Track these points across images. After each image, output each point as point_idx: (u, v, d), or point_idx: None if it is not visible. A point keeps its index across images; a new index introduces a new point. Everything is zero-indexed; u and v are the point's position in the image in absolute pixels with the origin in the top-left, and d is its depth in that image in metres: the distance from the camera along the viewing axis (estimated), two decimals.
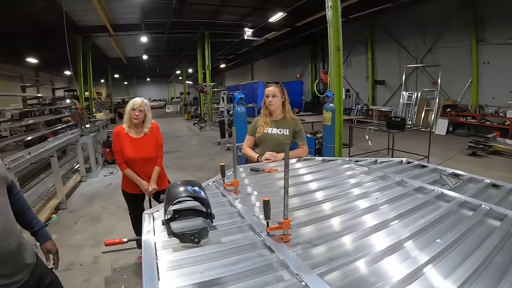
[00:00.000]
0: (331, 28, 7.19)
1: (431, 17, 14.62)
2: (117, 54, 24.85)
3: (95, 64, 21.16)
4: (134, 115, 3.62)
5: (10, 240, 1.71)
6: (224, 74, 48.04)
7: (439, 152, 9.57)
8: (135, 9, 15.05)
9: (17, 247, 1.76)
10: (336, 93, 6.96)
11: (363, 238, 1.51)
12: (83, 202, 7.09)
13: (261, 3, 15.46)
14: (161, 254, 1.41)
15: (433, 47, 15.06)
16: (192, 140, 15.60)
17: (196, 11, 16.16)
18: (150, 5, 14.65)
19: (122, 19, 16.73)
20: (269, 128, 3.64)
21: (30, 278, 1.83)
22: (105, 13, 14.39)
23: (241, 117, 7.61)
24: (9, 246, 1.69)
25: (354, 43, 18.61)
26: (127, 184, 3.91)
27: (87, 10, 14.04)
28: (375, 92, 18.73)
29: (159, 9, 15.41)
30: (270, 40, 20.50)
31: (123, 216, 5.92)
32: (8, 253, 1.68)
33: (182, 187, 1.70)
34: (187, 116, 27.69)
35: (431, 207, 1.90)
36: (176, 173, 8.77)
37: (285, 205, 1.43)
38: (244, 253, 1.41)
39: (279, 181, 2.52)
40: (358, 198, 2.05)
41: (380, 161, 3.04)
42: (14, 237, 1.76)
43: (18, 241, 1.79)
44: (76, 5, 13.60)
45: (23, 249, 1.82)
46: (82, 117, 9.62)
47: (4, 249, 1.66)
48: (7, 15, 14.23)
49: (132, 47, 23.80)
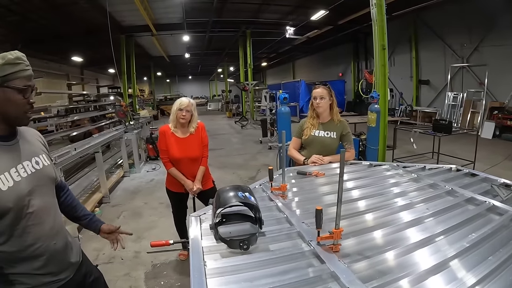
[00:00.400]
0: (375, 27, 6.98)
1: (478, 14, 13.88)
2: (159, 52, 25.31)
3: (138, 62, 21.73)
4: (181, 115, 3.62)
5: (57, 240, 1.76)
6: (266, 72, 47.99)
7: (485, 157, 9.13)
8: (177, 8, 15.28)
9: (63, 246, 1.81)
10: (381, 93, 6.75)
11: (411, 253, 1.43)
12: (126, 197, 7.24)
13: (303, 1, 15.32)
14: (209, 259, 1.39)
15: (479, 46, 14.32)
16: (233, 138, 15.65)
17: (237, 9, 16.20)
18: (192, 5, 14.83)
19: (164, 19, 17.03)
20: (316, 131, 3.55)
21: (75, 275, 1.87)
22: (148, 13, 14.70)
23: (285, 117, 7.52)
24: (56, 245, 1.74)
25: (397, 41, 18.03)
26: (172, 183, 3.93)
27: (130, 10, 14.43)
28: (419, 92, 18.07)
29: (200, 8, 15.58)
30: (311, 38, 20.24)
31: (164, 212, 6.02)
32: (55, 252, 1.73)
33: (233, 193, 1.68)
34: (228, 114, 27.88)
35: (482, 221, 1.77)
36: (218, 171, 8.82)
37: (338, 214, 1.38)
38: (293, 262, 1.37)
39: (326, 186, 2.46)
40: (407, 208, 1.95)
41: (429, 167, 2.90)
42: (61, 237, 1.81)
43: (64, 240, 1.84)
44: (119, 6, 13.99)
45: (69, 248, 1.86)
46: (126, 114, 9.84)
47: (51, 248, 1.71)
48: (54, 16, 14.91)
49: (174, 45, 24.19)
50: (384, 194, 2.18)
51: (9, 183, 1.55)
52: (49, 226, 1.72)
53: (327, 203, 2.03)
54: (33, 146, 1.80)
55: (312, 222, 1.57)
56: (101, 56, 24.56)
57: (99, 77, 33.85)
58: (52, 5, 13.58)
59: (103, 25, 13.11)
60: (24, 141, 1.74)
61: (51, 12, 14.34)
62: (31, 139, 1.82)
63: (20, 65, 1.56)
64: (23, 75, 1.57)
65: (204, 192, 3.87)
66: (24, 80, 1.57)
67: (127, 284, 3.94)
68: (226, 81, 36.87)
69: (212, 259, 1.40)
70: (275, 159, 8.30)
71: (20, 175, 1.61)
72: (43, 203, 1.70)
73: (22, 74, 1.56)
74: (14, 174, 1.59)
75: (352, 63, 23.80)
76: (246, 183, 7.49)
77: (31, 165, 1.70)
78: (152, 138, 10.57)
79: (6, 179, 1.54)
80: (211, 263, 1.35)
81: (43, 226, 1.68)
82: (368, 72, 9.64)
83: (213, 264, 1.34)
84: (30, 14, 14.32)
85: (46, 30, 16.72)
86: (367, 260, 1.34)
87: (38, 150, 1.81)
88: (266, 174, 2.31)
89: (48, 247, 1.69)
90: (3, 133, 1.62)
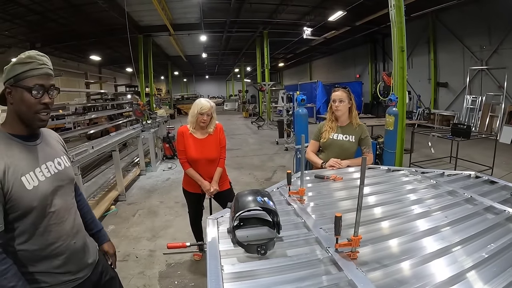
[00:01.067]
0: (394, 28, 6.91)
1: (497, 15, 13.57)
2: (177, 52, 25.54)
3: (155, 61, 21.92)
4: (203, 120, 3.62)
5: (77, 239, 1.82)
6: (283, 72, 47.97)
7: (503, 162, 8.96)
8: (194, 9, 15.40)
9: (82, 246, 1.86)
10: (399, 96, 6.68)
11: (428, 262, 1.40)
12: (142, 195, 7.30)
13: (321, 1, 15.28)
14: (226, 264, 1.39)
15: (499, 48, 14.02)
16: (250, 139, 15.65)
17: (255, 10, 16.23)
18: (209, 5, 14.94)
19: (182, 19, 17.21)
20: (335, 134, 3.53)
21: (92, 274, 1.92)
22: (165, 13, 14.85)
23: (302, 118, 7.48)
24: (75, 244, 1.79)
25: (415, 43, 17.84)
26: (189, 183, 3.95)
27: (148, 10, 14.66)
28: (437, 95, 17.79)
29: (218, 8, 15.68)
30: (329, 39, 20.15)
31: (180, 211, 6.05)
32: (75, 251, 1.79)
33: (251, 197, 1.67)
34: (245, 114, 27.94)
35: (501, 230, 1.72)
36: (235, 171, 8.86)
37: (357, 221, 1.36)
38: (311, 269, 1.36)
39: (343, 191, 2.45)
40: (425, 216, 1.91)
41: (448, 173, 2.85)
42: (80, 236, 1.86)
43: (83, 240, 1.89)
44: (137, 6, 14.21)
45: (87, 248, 1.92)
46: (143, 113, 9.93)
47: (71, 247, 1.76)
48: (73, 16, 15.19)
49: (192, 45, 24.37)
50: (402, 201, 2.15)
51: (34, 182, 1.59)
52: (69, 226, 1.77)
53: (344, 209, 2.02)
54: (54, 148, 1.86)
55: (330, 228, 1.56)
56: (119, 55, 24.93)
57: (117, 75, 34.28)
58: (72, 4, 13.83)
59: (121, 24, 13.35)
60: (46, 143, 1.80)
61: (71, 11, 14.64)
62: (52, 141, 1.88)
63: (31, 64, 1.57)
64: (34, 74, 1.57)
65: (220, 193, 3.88)
66: (35, 79, 1.57)
67: (141, 282, 3.97)
68: (243, 81, 36.99)
69: (229, 263, 1.40)
70: (291, 160, 8.28)
71: (44, 175, 1.66)
72: (64, 202, 1.76)
73: (32, 73, 1.57)
74: (39, 174, 1.64)
75: (370, 64, 23.60)
76: (262, 184, 7.55)
77: (53, 166, 1.75)
78: (168, 137, 10.64)
79: (32, 178, 1.59)
80: (228, 268, 1.35)
81: (64, 226, 1.74)
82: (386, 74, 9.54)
83: (230, 269, 1.34)
84: (50, 13, 14.65)
85: (65, 29, 17.08)
86: (385, 268, 1.33)
87: (59, 152, 1.87)
88: (282, 176, 2.32)
89: (68, 246, 1.74)
90: (24, 133, 1.66)
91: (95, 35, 18.17)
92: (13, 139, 1.62)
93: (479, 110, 14.59)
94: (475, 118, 14.69)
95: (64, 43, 19.33)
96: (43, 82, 1.59)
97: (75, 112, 14.80)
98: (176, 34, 19.32)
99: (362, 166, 1.37)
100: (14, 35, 16.43)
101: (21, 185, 1.54)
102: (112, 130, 11.01)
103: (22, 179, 1.55)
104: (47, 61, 1.64)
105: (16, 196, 1.52)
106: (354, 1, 13.42)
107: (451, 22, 16.01)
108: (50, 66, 1.66)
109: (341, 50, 26.84)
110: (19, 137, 1.64)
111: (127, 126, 11.78)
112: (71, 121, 14.21)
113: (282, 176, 8.28)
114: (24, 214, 1.56)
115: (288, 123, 13.02)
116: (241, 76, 38.22)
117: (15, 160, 1.56)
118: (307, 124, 7.60)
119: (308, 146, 3.75)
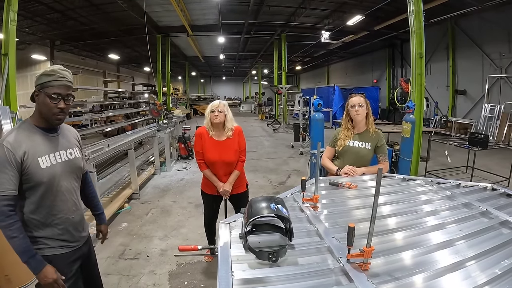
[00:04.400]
0: (413, 34, 6.85)
1: None
2: (194, 53, 25.69)
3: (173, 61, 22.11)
4: (214, 116, 3.66)
5: (75, 215, 2.28)
6: (300, 76, 47.82)
7: None
8: (213, 10, 15.53)
9: (78, 221, 2.32)
10: (417, 103, 6.59)
11: (441, 277, 1.38)
12: (155, 194, 7.35)
13: (339, 5, 15.23)
14: (237, 269, 1.39)
15: None
16: (265, 141, 15.64)
17: (273, 12, 16.24)
18: (228, 7, 15.03)
19: (201, 20, 17.35)
20: (351, 141, 3.50)
21: (83, 246, 2.38)
22: (184, 14, 14.97)
23: (318, 123, 7.45)
24: (73, 219, 2.25)
25: (434, 49, 17.61)
26: (206, 185, 3.98)
27: (167, 11, 14.82)
28: (455, 103, 17.47)
29: (236, 10, 15.76)
30: (347, 43, 20.07)
31: (193, 212, 6.09)
32: (72, 224, 2.25)
33: (265, 204, 1.67)
34: (261, 116, 28.02)
35: None
36: (249, 174, 8.77)
37: (370, 233, 1.35)
38: (322, 278, 1.35)
39: (358, 200, 2.42)
40: (439, 228, 1.88)
41: (464, 185, 2.79)
42: (77, 214, 2.31)
43: (80, 218, 2.34)
44: (156, 7, 14.39)
45: (81, 224, 2.37)
46: (160, 112, 10.02)
47: (70, 221, 2.23)
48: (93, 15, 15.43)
49: (210, 46, 24.51)
50: (416, 212, 2.12)
51: (47, 163, 2.08)
52: (71, 203, 2.24)
53: (358, 218, 2.01)
54: (69, 140, 2.32)
55: (342, 237, 1.56)
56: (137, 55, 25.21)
57: (135, 75, 34.58)
58: (92, 3, 14.06)
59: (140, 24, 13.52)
60: (63, 136, 2.26)
61: (91, 10, 14.88)
62: (68, 134, 2.35)
63: (53, 76, 2.02)
64: (54, 85, 2.02)
65: (237, 196, 3.92)
66: (55, 88, 2.02)
67: (151, 281, 4.00)
68: (260, 83, 37.03)
69: (240, 269, 1.41)
70: (306, 165, 8.23)
71: (56, 160, 2.14)
72: (70, 185, 2.24)
73: (53, 83, 2.02)
74: (52, 158, 2.12)
75: (388, 69, 23.33)
76: (276, 188, 7.54)
77: (65, 154, 2.23)
78: (184, 137, 10.71)
79: (46, 160, 2.07)
80: (239, 273, 1.35)
81: (67, 203, 2.21)
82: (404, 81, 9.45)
83: (241, 274, 1.35)
84: (70, 12, 14.94)
85: (84, 27, 17.41)
86: (396, 281, 1.31)
87: (73, 144, 2.33)
88: (297, 180, 2.31)
89: (67, 220, 2.21)
90: (45, 126, 2.13)
91: (114, 34, 18.42)
92: (36, 129, 2.09)
93: (497, 119, 14.32)
94: (493, 127, 14.42)
95: (83, 41, 19.67)
96: (61, 91, 2.05)
97: (92, 109, 15.03)
98: (194, 35, 19.45)
99: (377, 176, 1.35)
100: (34, 32, 16.73)
101: (36, 163, 2.02)
102: (128, 129, 11.15)
103: (39, 159, 2.03)
104: (67, 75, 2.09)
105: (31, 171, 1.99)
106: (373, 5, 13.35)
107: (471, 28, 15.77)
108: (69, 79, 2.10)
109: (359, 55, 26.63)
110: (41, 128, 2.11)
111: (143, 125, 11.92)
112: (88, 118, 14.46)
113: (296, 181, 8.26)
114: (34, 186, 2.03)
115: (304, 127, 12.94)
116: (258, 78, 38.32)
117: (35, 145, 2.04)
118: (323, 129, 7.57)
119: (323, 152, 3.72)
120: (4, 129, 5.36)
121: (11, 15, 5.75)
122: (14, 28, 5.84)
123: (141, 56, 24.82)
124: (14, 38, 5.91)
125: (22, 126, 2.09)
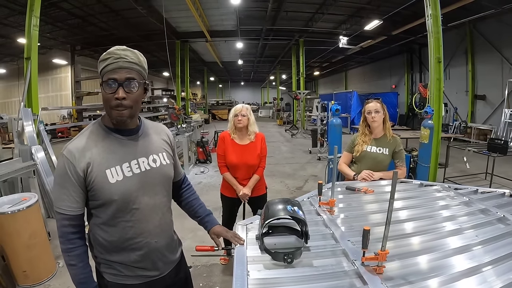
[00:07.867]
0: (431, 38, 6.78)
1: None
2: (213, 58, 25.89)
3: (192, 66, 22.28)
4: (238, 120, 3.73)
5: (159, 238, 1.80)
6: (318, 81, 47.58)
7: None
8: (231, 16, 15.63)
9: (164, 246, 1.84)
10: (435, 109, 6.52)
11: (456, 281, 1.38)
12: None
13: (356, 10, 15.20)
14: (252, 270, 1.42)
15: None
16: (283, 147, 15.58)
17: (291, 18, 16.25)
18: (246, 12, 15.11)
19: (219, 26, 17.48)
20: (368, 146, 3.49)
21: (169, 274, 1.89)
22: (202, 20, 15.13)
23: (336, 129, 7.41)
24: (156, 243, 1.77)
25: (453, 53, 17.33)
26: (226, 188, 4.04)
27: (185, 17, 15.04)
28: (475, 108, 17.10)
29: (254, 16, 15.82)
30: (365, 48, 19.96)
31: None
32: (155, 249, 1.77)
33: (282, 205, 1.69)
34: (279, 122, 27.94)
35: None
36: (266, 179, 8.70)
37: (385, 236, 1.37)
38: (336, 280, 1.38)
39: (374, 204, 2.44)
40: (455, 233, 1.88)
41: (481, 191, 2.77)
42: (164, 236, 1.85)
43: (166, 241, 1.87)
44: (175, 13, 14.62)
45: (169, 248, 1.90)
46: (178, 117, 10.13)
47: (151, 246, 1.75)
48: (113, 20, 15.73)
49: (228, 52, 24.66)
50: (433, 217, 2.12)
51: (118, 177, 1.60)
52: (153, 225, 1.75)
53: (374, 222, 2.03)
54: (154, 143, 1.81)
55: (357, 240, 1.58)
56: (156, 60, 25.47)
57: (154, 79, 34.95)
58: (112, 10, 14.33)
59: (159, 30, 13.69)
60: (145, 138, 1.77)
61: (110, 16, 15.20)
62: (154, 136, 1.84)
63: (108, 60, 1.54)
64: (108, 69, 1.53)
65: (256, 199, 3.97)
66: (109, 73, 1.53)
67: None
68: (278, 89, 37.06)
69: (255, 269, 1.44)
70: (323, 170, 8.20)
71: (132, 171, 1.65)
72: (152, 201, 1.74)
73: (107, 68, 1.53)
74: (126, 169, 1.64)
75: (406, 74, 23.03)
76: (293, 193, 7.55)
77: (146, 162, 1.73)
78: (202, 142, 10.81)
79: (116, 172, 1.60)
80: (254, 274, 1.39)
81: (147, 224, 1.72)
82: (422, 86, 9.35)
83: (256, 275, 1.38)
84: (90, 17, 15.30)
85: (104, 33, 17.85)
86: (410, 285, 1.32)
87: (159, 148, 1.83)
88: (314, 185, 2.33)
89: (148, 244, 1.73)
90: (114, 126, 1.66)
91: (133, 40, 18.67)
92: (108, 131, 1.65)
93: None
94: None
95: (103, 46, 19.95)
96: (116, 76, 1.52)
97: None
98: (213, 41, 19.59)
99: (393, 180, 1.37)
100: (55, 37, 17.26)
101: (104, 177, 1.56)
102: None
103: (107, 171, 1.58)
104: (125, 54, 1.56)
105: (98, 186, 1.56)
106: (390, 10, 13.25)
107: (489, 32, 15.48)
108: (128, 59, 1.56)
109: (377, 60, 26.38)
110: (113, 130, 1.66)
111: None
112: None
113: (313, 186, 8.23)
114: (104, 204, 1.60)
115: (321, 133, 12.90)
116: (276, 83, 38.34)
117: (102, 153, 1.59)
118: (340, 135, 7.53)
119: (340, 157, 3.73)
120: (26, 130, 5.50)
121: (33, 20, 5.94)
122: (36, 33, 6.03)
123: (160, 61, 25.06)
124: (36, 42, 6.10)
125: (91, 129, 1.66)
